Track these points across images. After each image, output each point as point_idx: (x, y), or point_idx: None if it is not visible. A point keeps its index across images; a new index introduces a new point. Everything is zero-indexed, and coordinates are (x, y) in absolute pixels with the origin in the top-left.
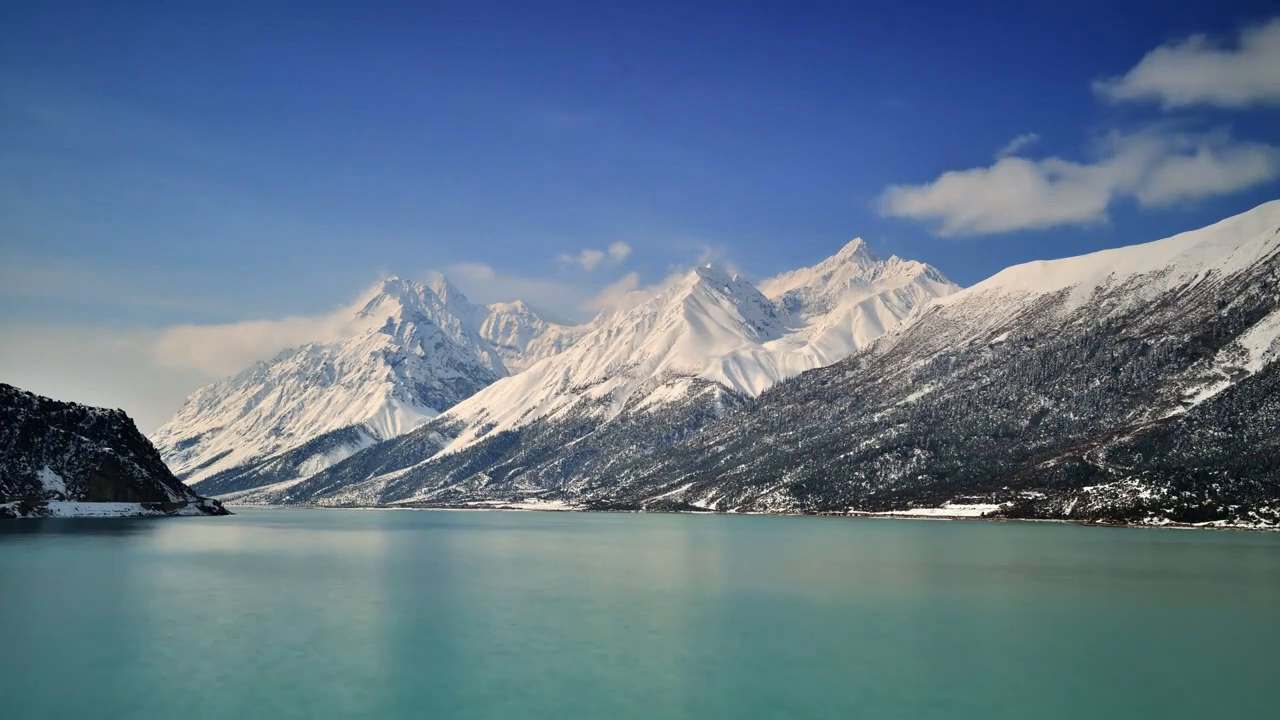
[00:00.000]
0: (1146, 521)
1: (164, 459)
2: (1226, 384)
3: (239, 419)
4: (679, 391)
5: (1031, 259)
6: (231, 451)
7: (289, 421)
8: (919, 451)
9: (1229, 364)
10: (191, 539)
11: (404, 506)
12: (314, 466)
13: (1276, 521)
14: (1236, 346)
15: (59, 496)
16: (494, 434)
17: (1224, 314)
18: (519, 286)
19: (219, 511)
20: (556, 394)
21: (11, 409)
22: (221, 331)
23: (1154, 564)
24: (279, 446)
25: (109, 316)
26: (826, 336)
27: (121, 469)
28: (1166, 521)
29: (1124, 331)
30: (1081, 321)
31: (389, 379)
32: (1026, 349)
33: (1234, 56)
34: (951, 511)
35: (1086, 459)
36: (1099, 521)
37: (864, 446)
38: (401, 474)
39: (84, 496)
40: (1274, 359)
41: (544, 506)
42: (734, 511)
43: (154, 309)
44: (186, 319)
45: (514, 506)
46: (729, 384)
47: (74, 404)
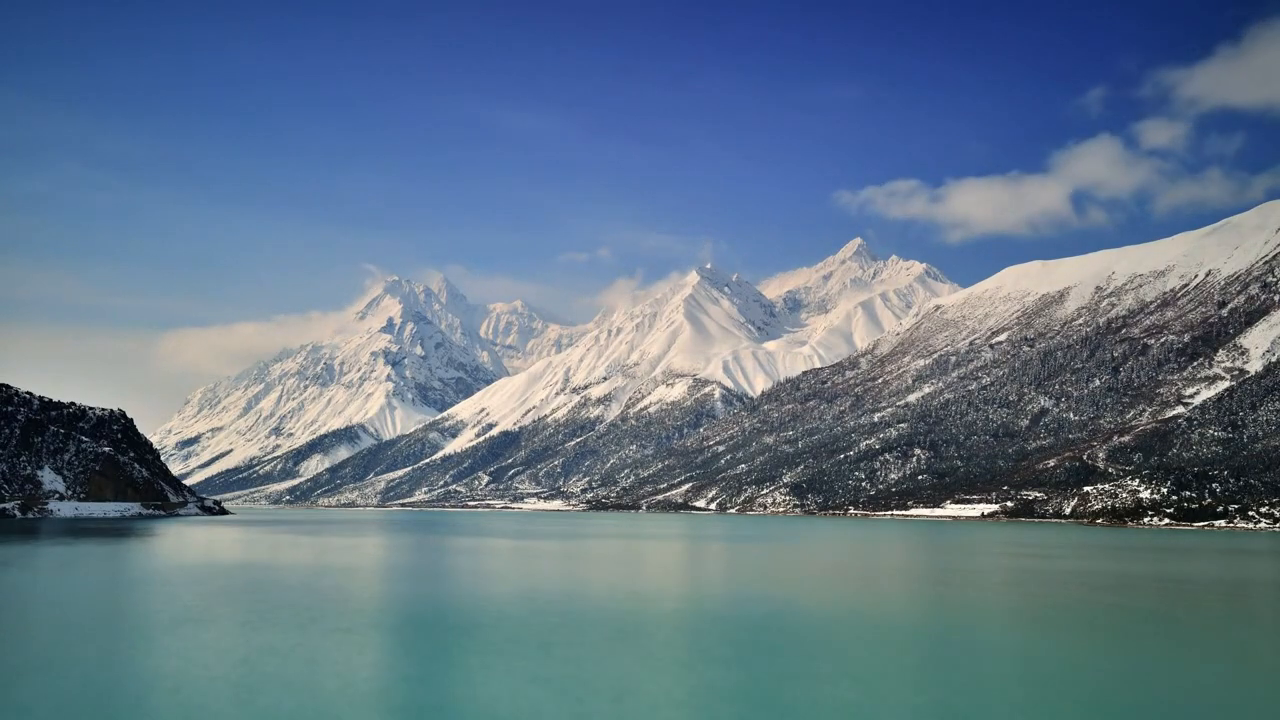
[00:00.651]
0: (1146, 521)
1: (164, 459)
2: (1226, 384)
3: (239, 419)
4: (679, 391)
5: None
6: (231, 451)
7: (289, 421)
8: (919, 451)
9: (1229, 364)
10: (181, 551)
11: (404, 506)
12: (314, 466)
13: (1276, 521)
14: (1236, 346)
15: (59, 496)
16: (494, 434)
17: (1224, 314)
18: (519, 287)
19: (219, 511)
20: (556, 394)
21: (11, 409)
22: (221, 331)
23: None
24: (279, 446)
25: (109, 317)
26: (826, 336)
27: (121, 469)
28: (1166, 521)
29: (1124, 331)
30: (1081, 321)
31: (389, 379)
32: (1026, 349)
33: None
34: (951, 511)
35: (1086, 459)
36: (1099, 521)
37: (864, 446)
38: (401, 474)
39: (84, 496)
40: (1274, 359)
41: (544, 506)
42: (734, 511)
43: (154, 309)
44: (186, 319)
45: (514, 506)
46: (729, 384)
47: (74, 404)
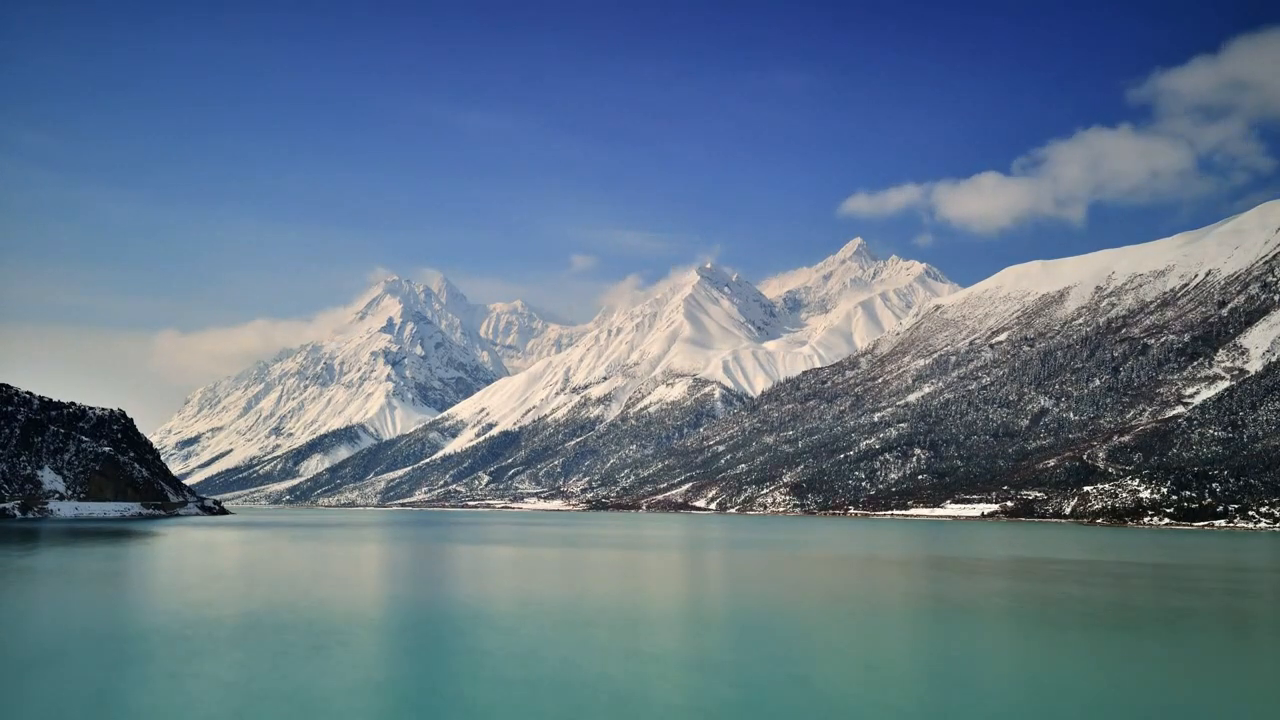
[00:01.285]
0: (1146, 521)
1: (164, 459)
2: (1226, 384)
3: (239, 419)
4: (679, 391)
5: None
6: (231, 451)
7: (289, 421)
8: (919, 451)
9: (1229, 364)
10: (173, 560)
11: (404, 506)
12: (314, 466)
13: (1277, 521)
14: (1236, 346)
15: (59, 496)
16: (494, 434)
17: (1224, 314)
18: (519, 287)
19: (219, 511)
20: (556, 394)
21: (11, 409)
22: (221, 331)
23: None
24: (279, 446)
25: (109, 317)
26: (826, 336)
27: (121, 469)
28: (1166, 521)
29: (1124, 331)
30: (1081, 321)
31: (389, 379)
32: (1026, 349)
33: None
34: (951, 511)
35: (1086, 459)
36: (1099, 521)
37: (864, 446)
38: (401, 474)
39: (84, 496)
40: (1274, 359)
41: (544, 506)
42: (734, 511)
43: (153, 309)
44: (186, 319)
45: (514, 506)
46: (729, 384)
47: (74, 404)
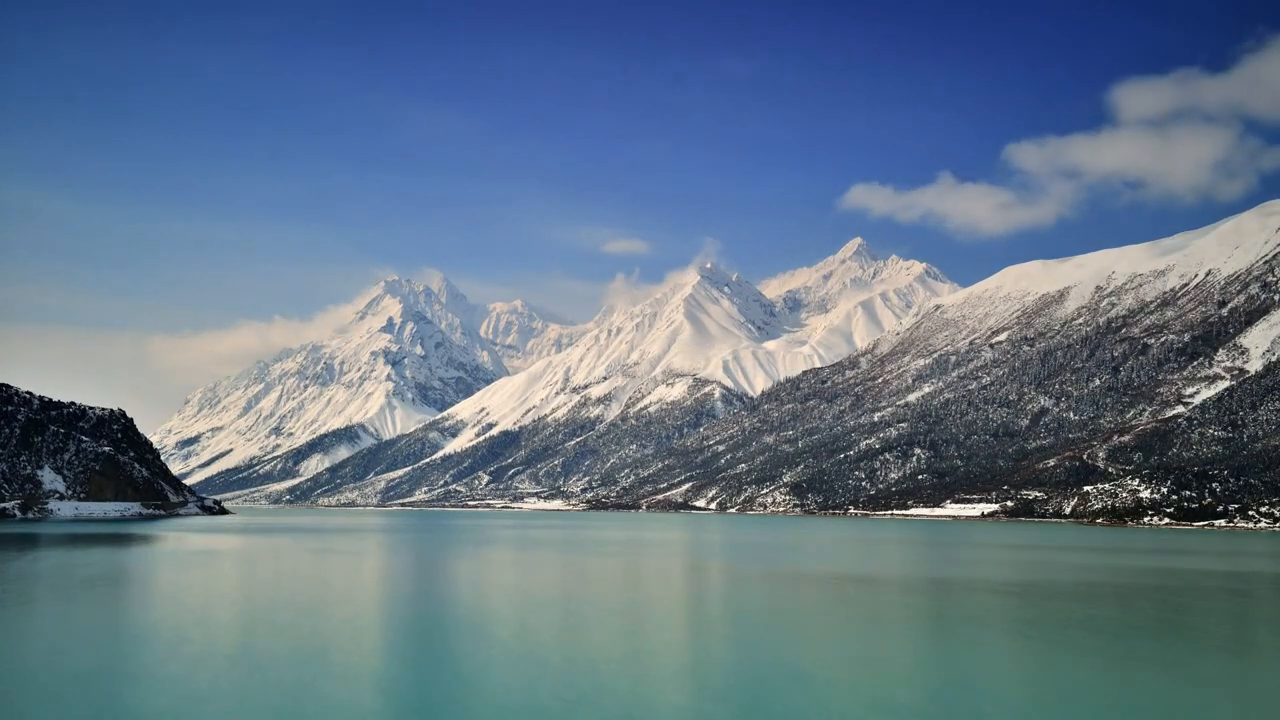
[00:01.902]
0: (1146, 521)
1: (164, 458)
2: (1226, 383)
3: (239, 418)
4: (679, 391)
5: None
6: (231, 451)
7: (289, 421)
8: (919, 451)
9: (1229, 363)
10: (165, 571)
11: (404, 506)
12: (314, 466)
13: (1277, 521)
14: (1236, 346)
15: (59, 496)
16: (494, 433)
17: (1224, 313)
18: (520, 286)
19: (219, 511)
20: (556, 393)
21: (11, 409)
22: (221, 331)
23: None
24: (279, 446)
25: (109, 318)
26: (826, 336)
27: (121, 468)
28: (1166, 521)
29: (1124, 331)
30: (1081, 321)
31: (389, 378)
32: (1026, 348)
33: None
34: (952, 511)
35: (1086, 458)
36: (1099, 521)
37: (864, 446)
38: (401, 474)
39: (84, 496)
40: (1274, 358)
41: (544, 506)
42: (734, 511)
43: (153, 310)
44: (186, 319)
45: (514, 506)
46: (729, 383)
47: (74, 403)
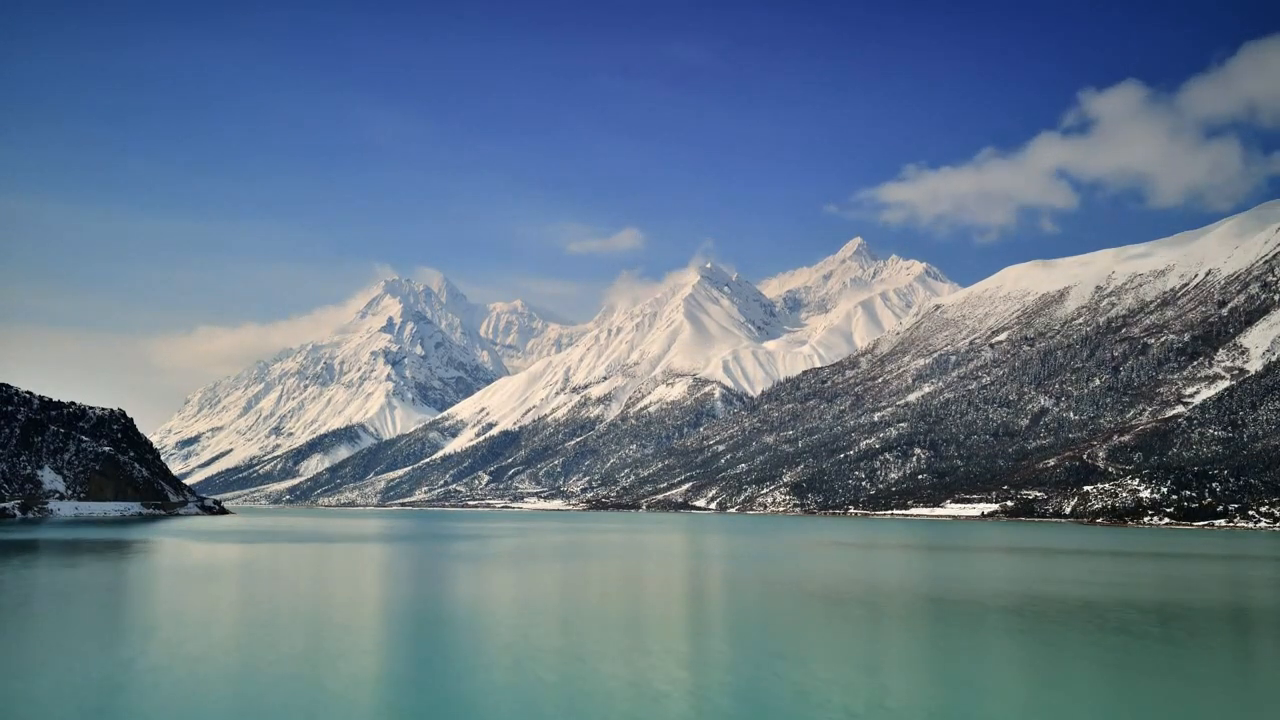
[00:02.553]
0: (1146, 521)
1: (164, 458)
2: (1226, 383)
3: (239, 418)
4: (679, 391)
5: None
6: (231, 451)
7: (289, 421)
8: (919, 451)
9: (1229, 363)
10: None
11: (404, 506)
12: (314, 466)
13: (1277, 521)
14: (1236, 346)
15: (59, 496)
16: (494, 433)
17: (1224, 313)
18: (520, 285)
19: (219, 511)
20: (556, 393)
21: (11, 408)
22: (221, 331)
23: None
24: (279, 446)
25: (109, 317)
26: (826, 336)
27: (121, 468)
28: (1166, 521)
29: (1124, 331)
30: (1081, 321)
31: (389, 378)
32: (1026, 348)
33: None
34: (952, 511)
35: (1086, 458)
36: (1099, 521)
37: (864, 446)
38: (401, 473)
39: (84, 496)
40: (1274, 358)
41: (544, 506)
42: (734, 511)
43: (153, 310)
44: (186, 319)
45: (514, 506)
46: (729, 383)
47: (74, 403)
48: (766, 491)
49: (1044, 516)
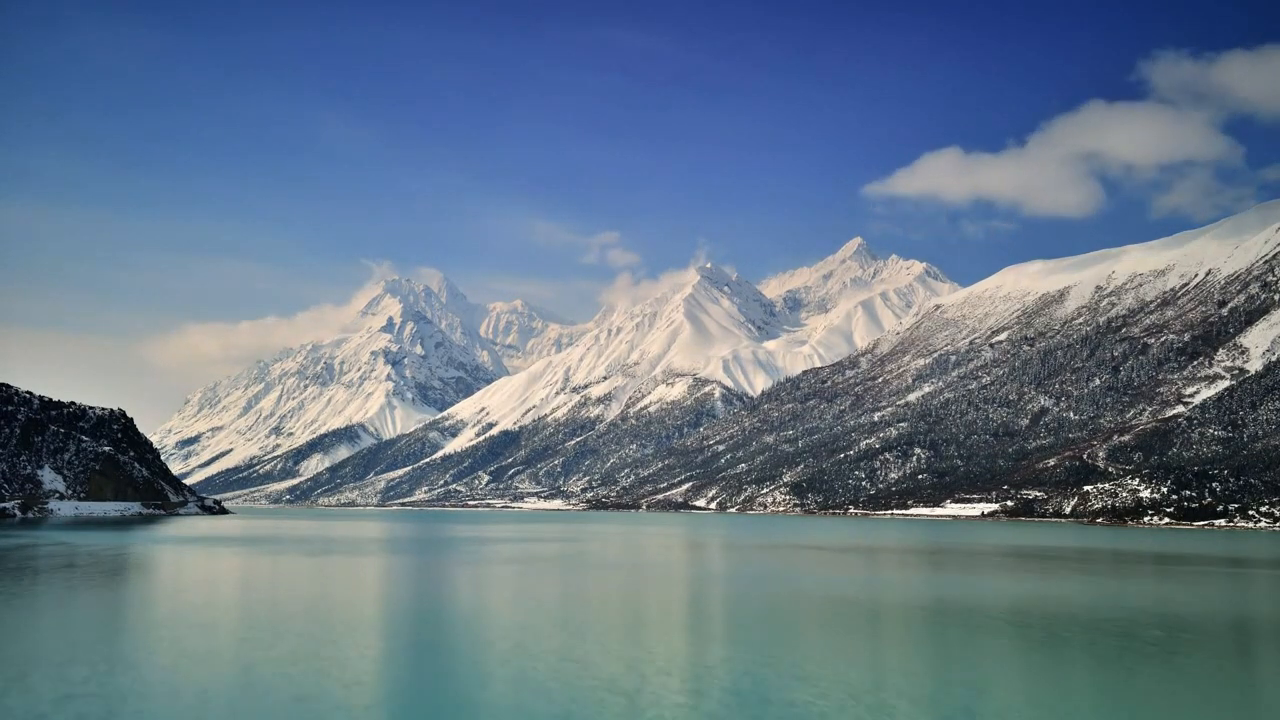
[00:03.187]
0: (1146, 520)
1: (164, 458)
2: (1226, 383)
3: (239, 418)
4: (679, 391)
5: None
6: (231, 451)
7: (289, 421)
8: (919, 451)
9: (1229, 363)
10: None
11: (404, 506)
12: (314, 466)
13: (1277, 521)
14: (1236, 346)
15: (59, 496)
16: (494, 433)
17: (1224, 313)
18: (520, 285)
19: (219, 511)
20: (556, 393)
21: (11, 408)
22: (221, 331)
23: None
24: (279, 446)
25: (108, 316)
26: (826, 336)
27: (122, 468)
28: (1167, 521)
29: (1124, 331)
30: (1081, 321)
31: (389, 378)
32: (1026, 348)
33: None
34: (952, 511)
35: (1086, 458)
36: (1099, 520)
37: (864, 446)
38: (401, 473)
39: (84, 496)
40: (1274, 358)
41: (544, 506)
42: (734, 511)
43: (152, 309)
44: (186, 318)
45: (514, 506)
46: (729, 383)
47: (74, 403)
48: (766, 491)
49: (1044, 516)
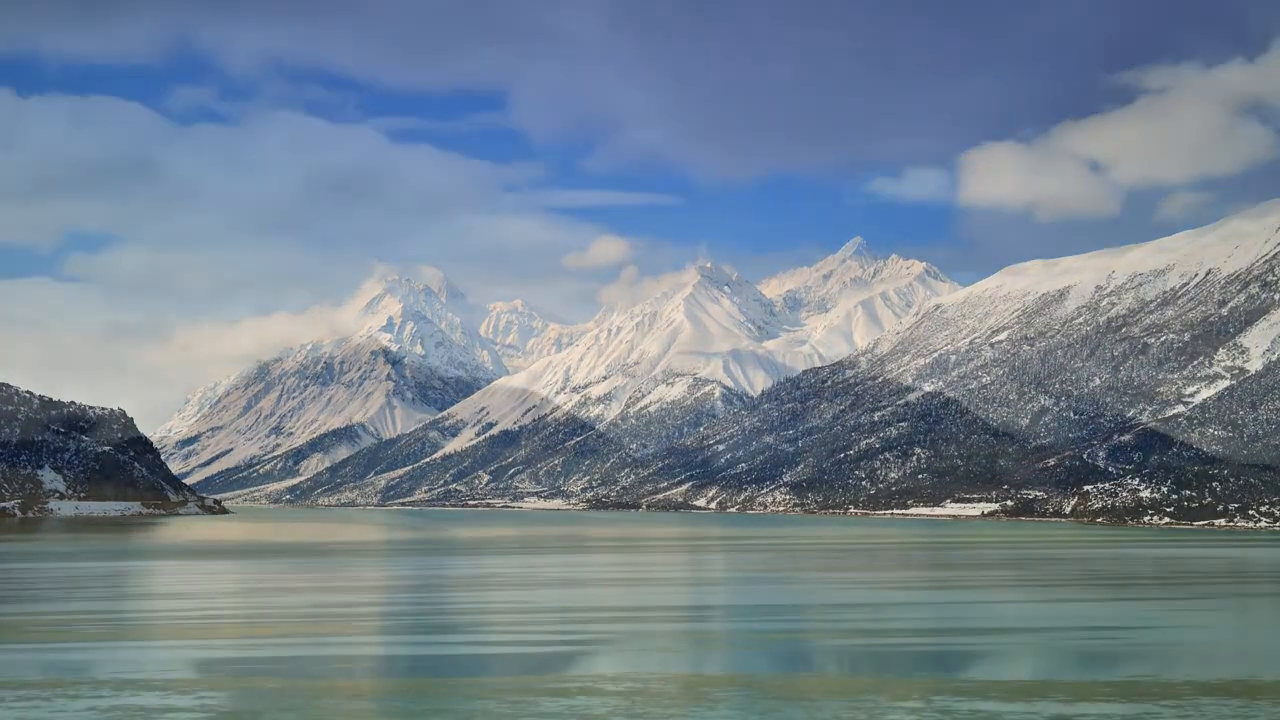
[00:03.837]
0: (1146, 520)
1: (164, 458)
2: (1227, 383)
3: (239, 418)
4: (679, 390)
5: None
6: (231, 451)
7: (289, 420)
8: (919, 450)
9: (1229, 363)
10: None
11: (404, 506)
12: (314, 465)
13: (1277, 521)
14: (1236, 345)
15: (59, 496)
16: (494, 433)
17: (1224, 313)
18: (520, 285)
19: (219, 511)
20: (556, 393)
21: (11, 409)
22: (221, 331)
23: None
24: (279, 445)
25: (108, 316)
26: (826, 335)
27: (122, 468)
28: (1167, 520)
29: (1124, 330)
30: (1082, 320)
31: (389, 378)
32: (1027, 348)
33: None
34: (952, 510)
35: (1086, 458)
36: (1099, 520)
37: (864, 445)
38: (401, 473)
39: (84, 496)
40: (1274, 358)
41: (544, 505)
42: (734, 510)
43: (152, 309)
44: (186, 318)
45: (514, 505)
46: (729, 383)
47: (74, 403)
48: (766, 491)
49: (1044, 516)
